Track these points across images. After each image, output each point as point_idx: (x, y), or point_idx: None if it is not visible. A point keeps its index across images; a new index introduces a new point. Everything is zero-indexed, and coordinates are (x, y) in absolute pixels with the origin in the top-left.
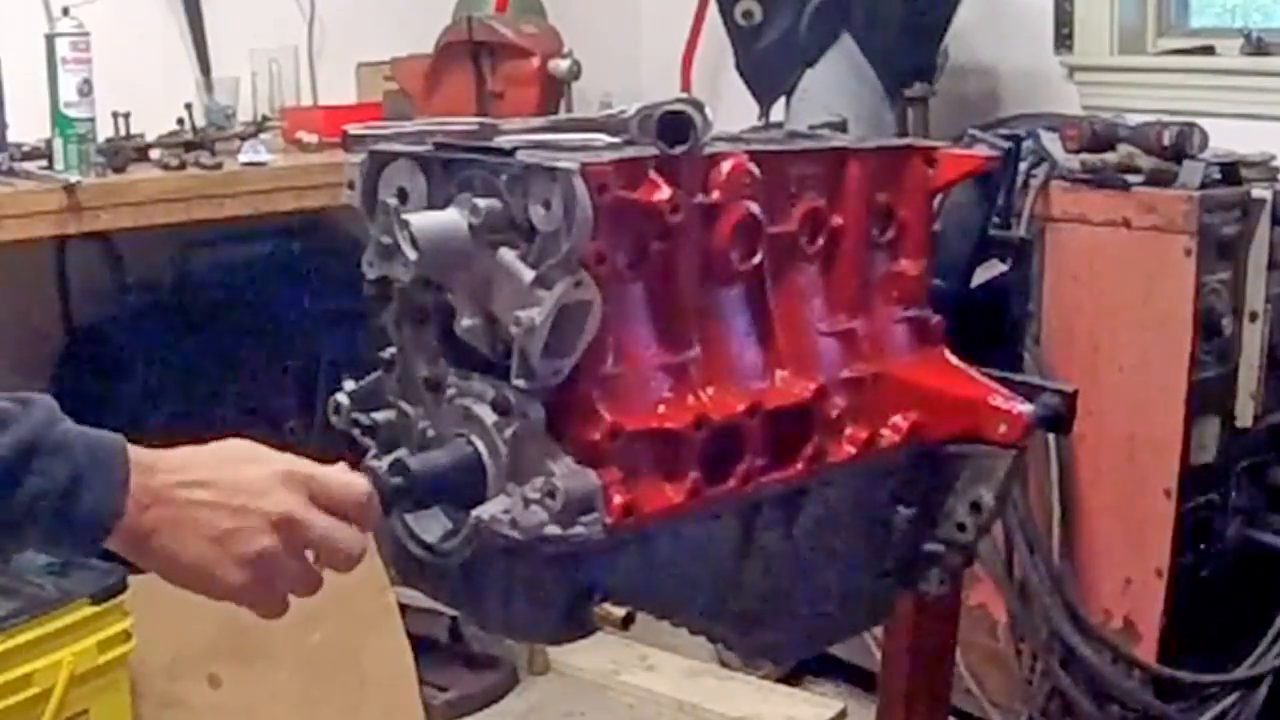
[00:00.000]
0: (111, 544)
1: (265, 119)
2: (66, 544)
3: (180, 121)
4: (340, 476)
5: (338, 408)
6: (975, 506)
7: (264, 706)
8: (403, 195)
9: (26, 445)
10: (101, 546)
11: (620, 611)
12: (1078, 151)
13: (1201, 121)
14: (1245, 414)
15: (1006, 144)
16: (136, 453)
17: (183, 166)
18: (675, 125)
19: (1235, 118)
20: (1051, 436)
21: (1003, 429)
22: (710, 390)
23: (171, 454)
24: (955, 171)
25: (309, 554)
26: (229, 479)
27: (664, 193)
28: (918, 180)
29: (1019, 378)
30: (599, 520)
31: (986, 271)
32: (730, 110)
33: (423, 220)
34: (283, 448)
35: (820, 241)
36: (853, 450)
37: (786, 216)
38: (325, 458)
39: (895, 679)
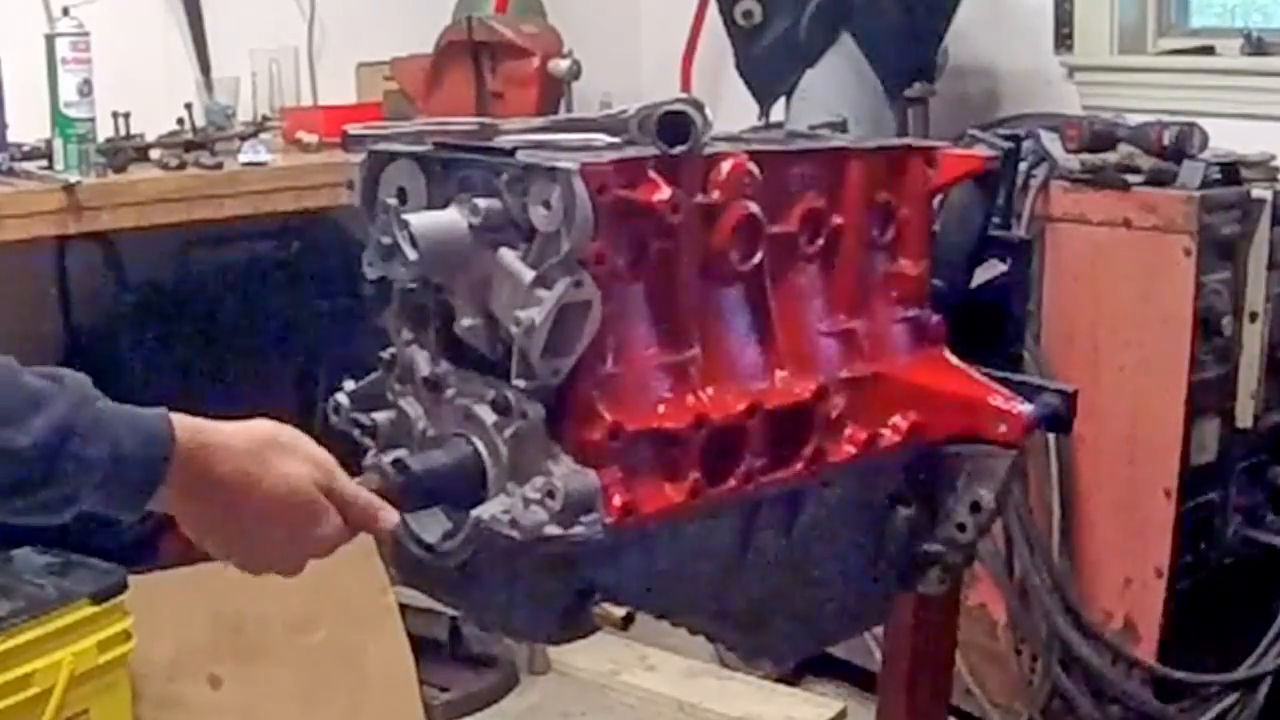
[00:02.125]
0: (156, 506)
1: (265, 119)
2: (108, 515)
3: (180, 121)
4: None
5: (338, 408)
6: (975, 506)
7: (264, 706)
8: (403, 195)
9: (60, 431)
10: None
11: (620, 611)
12: (1078, 151)
13: (1201, 121)
14: (1245, 414)
15: (1006, 144)
16: (193, 439)
17: (183, 166)
18: (675, 125)
19: (1235, 118)
20: (1051, 436)
21: (1003, 429)
22: (710, 390)
23: (234, 467)
24: (955, 171)
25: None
26: (269, 528)
27: (664, 193)
28: (918, 180)
29: (1019, 378)
30: (599, 520)
31: (986, 271)
32: (730, 110)
33: (423, 220)
34: None
35: (820, 241)
36: (853, 450)
37: (786, 216)
38: None
39: (895, 679)
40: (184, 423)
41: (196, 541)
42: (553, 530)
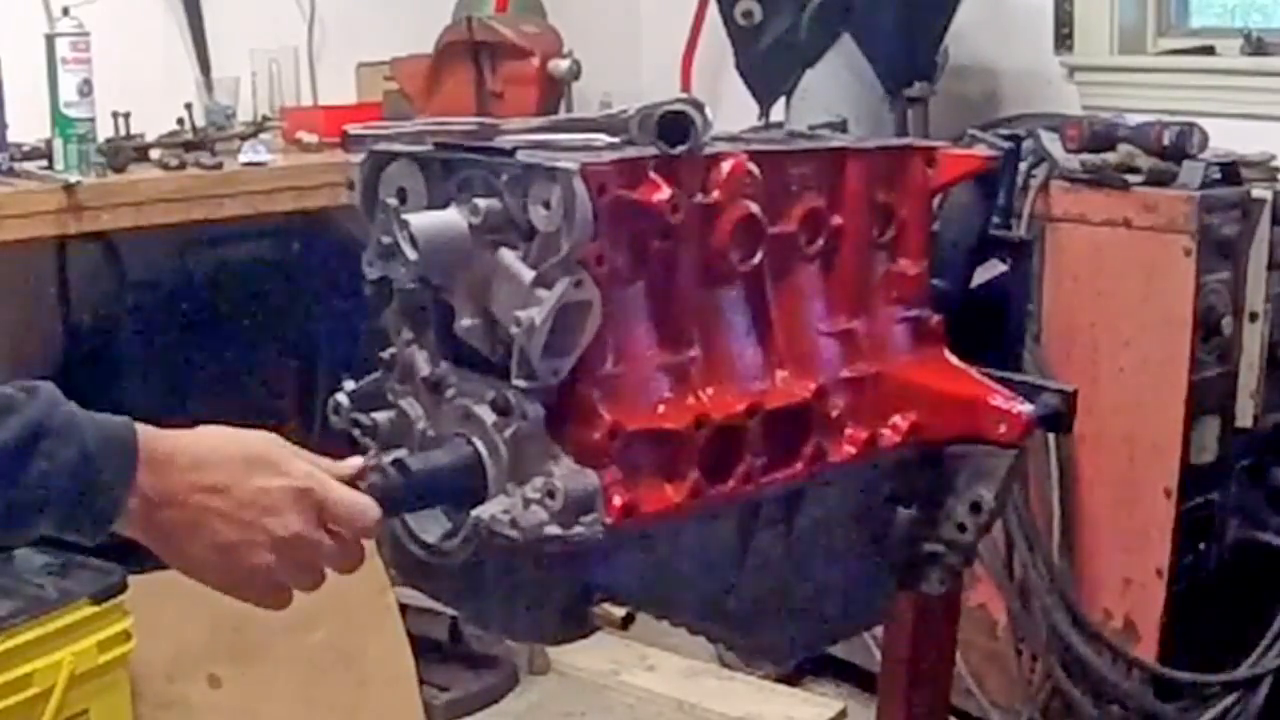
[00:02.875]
0: (122, 529)
1: (265, 119)
2: (78, 526)
3: (180, 121)
4: (352, 503)
5: (338, 408)
6: (975, 506)
7: (264, 706)
8: (403, 195)
9: (33, 429)
10: (111, 529)
11: (620, 611)
12: (1078, 151)
13: (1201, 121)
14: (1245, 414)
15: (1006, 144)
16: (151, 441)
17: (183, 166)
18: (675, 125)
19: (1235, 118)
20: (1051, 436)
21: (1003, 429)
22: (710, 390)
23: (190, 447)
24: (955, 171)
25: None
26: (243, 490)
27: (664, 193)
28: (918, 180)
29: (1019, 378)
30: (599, 520)
31: (986, 271)
32: (730, 110)
33: (423, 220)
34: None
35: (820, 241)
36: (853, 450)
37: (786, 216)
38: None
39: (895, 679)
40: (147, 429)
41: (173, 565)
42: (553, 530)
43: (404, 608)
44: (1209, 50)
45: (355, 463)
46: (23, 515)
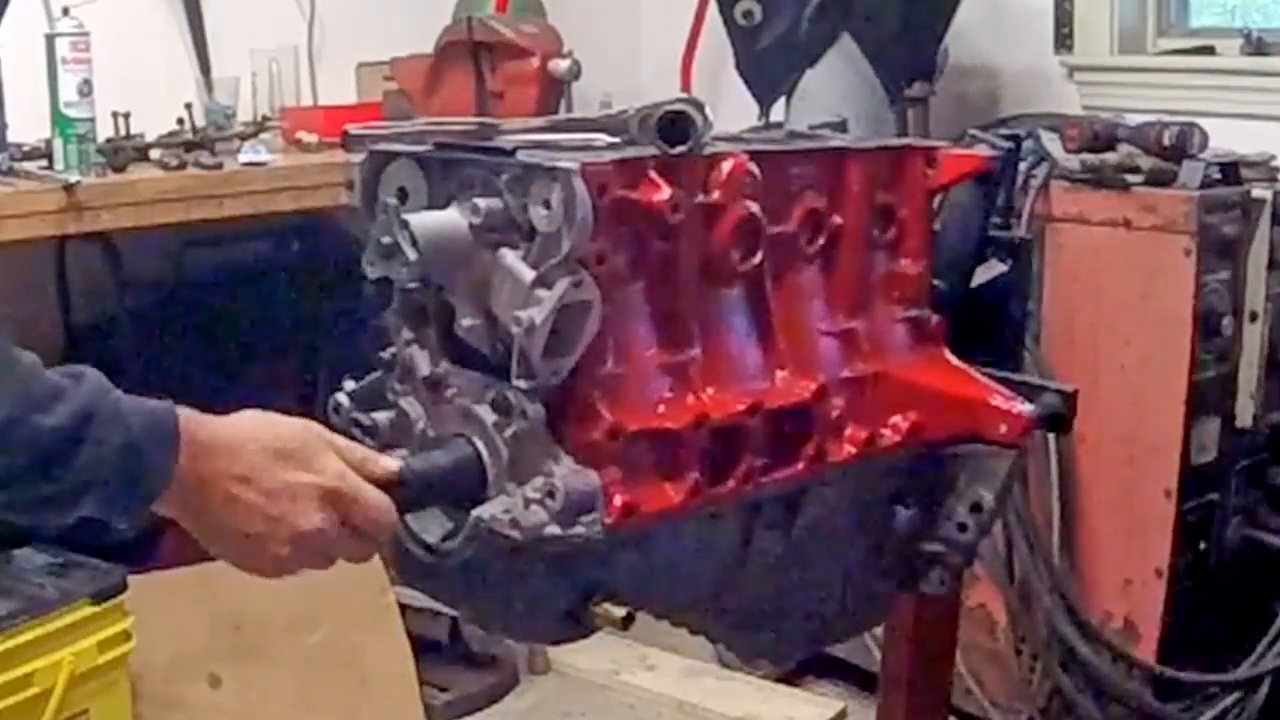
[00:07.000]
0: (158, 507)
1: (265, 119)
2: (121, 508)
3: (180, 121)
4: (378, 505)
5: (338, 408)
6: (975, 506)
7: (264, 706)
8: (403, 195)
9: (84, 414)
10: (150, 511)
11: (620, 611)
12: (1078, 151)
13: (1201, 121)
14: (1245, 414)
15: (1006, 144)
16: (193, 426)
17: (183, 166)
18: (675, 125)
19: (1235, 118)
20: (1051, 436)
21: (1003, 429)
22: (710, 390)
23: (226, 433)
24: (955, 171)
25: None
26: (271, 482)
27: (664, 193)
28: (918, 180)
29: (1019, 378)
30: (599, 520)
31: (986, 271)
32: (730, 110)
33: (423, 220)
34: None
35: (820, 241)
36: (853, 450)
37: (786, 216)
38: None
39: (895, 679)
40: (188, 414)
41: (202, 541)
42: (553, 530)
43: (404, 608)
44: (1209, 50)
45: (391, 466)
46: (71, 497)
